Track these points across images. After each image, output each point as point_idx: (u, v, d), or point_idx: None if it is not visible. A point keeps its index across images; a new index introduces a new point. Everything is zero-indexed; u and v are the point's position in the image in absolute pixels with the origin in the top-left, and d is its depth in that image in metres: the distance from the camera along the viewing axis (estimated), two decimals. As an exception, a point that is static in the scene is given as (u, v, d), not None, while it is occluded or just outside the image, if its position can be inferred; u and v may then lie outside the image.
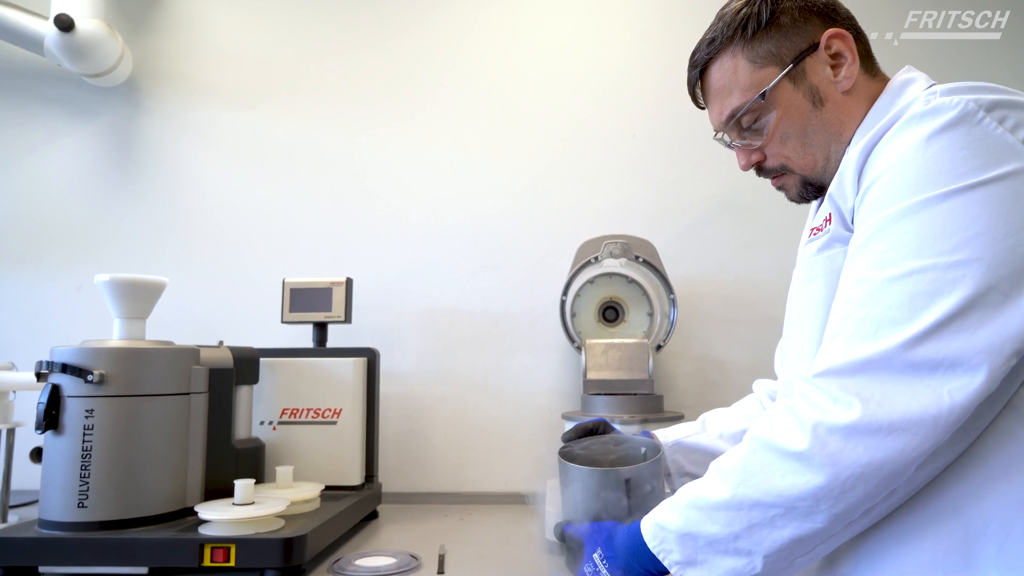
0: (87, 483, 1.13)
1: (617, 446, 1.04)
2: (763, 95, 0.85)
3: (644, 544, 0.75)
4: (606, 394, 1.57)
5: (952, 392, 0.59)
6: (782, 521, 0.66)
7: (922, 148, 0.66)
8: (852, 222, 0.76)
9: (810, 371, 0.69)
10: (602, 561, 0.79)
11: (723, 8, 0.91)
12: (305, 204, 1.97)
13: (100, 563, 1.08)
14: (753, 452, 0.69)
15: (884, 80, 0.87)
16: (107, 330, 1.30)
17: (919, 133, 0.67)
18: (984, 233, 0.62)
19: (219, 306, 1.92)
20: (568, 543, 0.88)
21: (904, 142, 0.68)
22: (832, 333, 0.69)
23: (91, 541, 1.09)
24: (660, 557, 0.73)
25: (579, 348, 1.69)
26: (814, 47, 0.84)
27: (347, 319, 1.65)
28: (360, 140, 1.99)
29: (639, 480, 0.89)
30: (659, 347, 1.71)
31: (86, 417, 1.15)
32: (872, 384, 0.62)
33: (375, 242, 1.95)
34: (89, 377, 1.14)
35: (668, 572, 0.74)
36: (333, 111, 2.00)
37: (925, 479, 0.64)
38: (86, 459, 1.14)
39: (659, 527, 0.74)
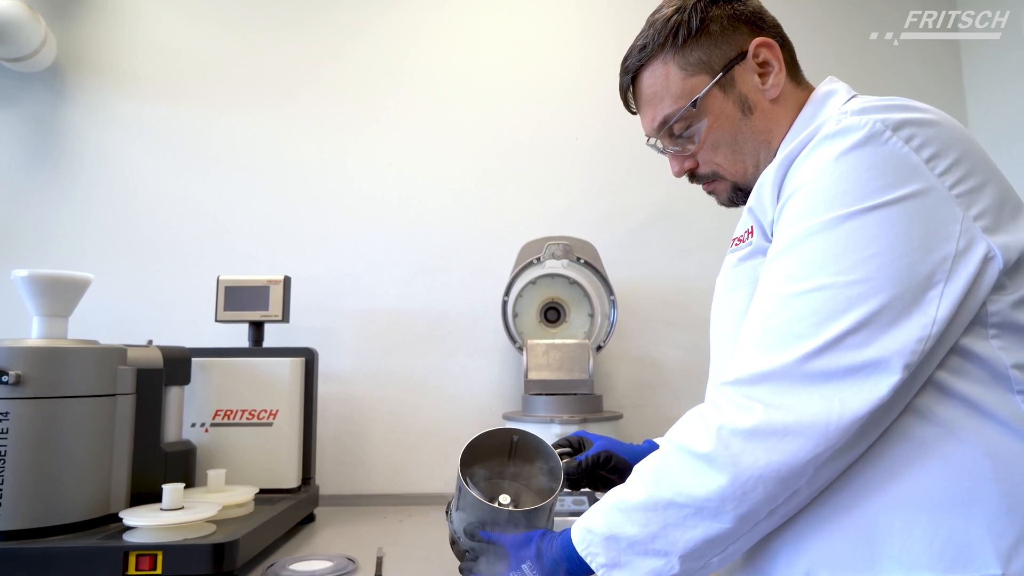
0: (0, 490, 1.07)
1: (528, 463, 1.00)
2: (694, 103, 0.86)
3: (574, 548, 0.76)
4: (547, 394, 1.59)
5: (843, 401, 0.63)
6: (693, 521, 0.68)
7: (831, 167, 0.69)
8: (772, 234, 0.78)
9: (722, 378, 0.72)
10: (531, 571, 0.80)
11: (653, 14, 0.91)
12: (241, 201, 1.92)
13: (15, 575, 1.02)
14: (667, 454, 0.72)
15: (809, 88, 0.89)
16: (25, 329, 1.23)
17: (830, 152, 0.70)
18: (881, 254, 0.64)
19: (149, 305, 1.85)
20: (485, 546, 0.88)
21: (817, 161, 0.71)
22: (742, 343, 0.72)
23: (4, 552, 1.03)
24: (588, 560, 0.74)
25: (520, 348, 1.70)
26: (742, 55, 0.86)
27: (284, 318, 1.62)
28: (299, 138, 1.95)
29: (525, 521, 0.88)
30: (599, 348, 1.74)
31: (1, 420, 1.09)
32: (773, 392, 0.66)
33: (314, 242, 1.91)
34: (4, 378, 1.09)
35: (594, 574, 0.75)
36: (271, 108, 1.95)
37: (827, 479, 0.67)
38: (0, 465, 1.08)
39: (587, 531, 0.75)
